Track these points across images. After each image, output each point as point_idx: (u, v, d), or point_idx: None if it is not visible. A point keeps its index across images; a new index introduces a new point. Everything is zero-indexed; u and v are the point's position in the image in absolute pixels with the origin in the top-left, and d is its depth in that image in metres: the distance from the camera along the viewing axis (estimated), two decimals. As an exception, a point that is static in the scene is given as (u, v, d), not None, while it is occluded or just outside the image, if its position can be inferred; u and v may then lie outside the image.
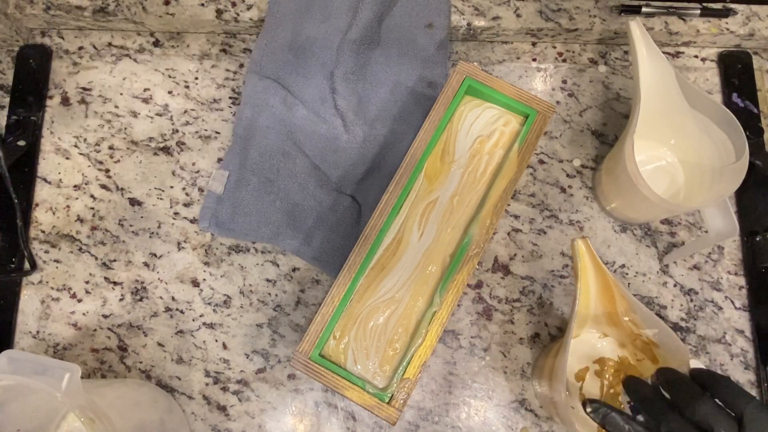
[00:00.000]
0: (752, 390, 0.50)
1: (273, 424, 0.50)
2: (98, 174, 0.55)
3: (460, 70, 0.48)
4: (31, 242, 0.53)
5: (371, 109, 0.55)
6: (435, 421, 0.50)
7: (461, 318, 0.52)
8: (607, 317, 0.45)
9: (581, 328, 0.47)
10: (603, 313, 0.45)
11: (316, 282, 0.53)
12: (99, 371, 0.51)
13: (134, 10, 0.56)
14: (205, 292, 0.52)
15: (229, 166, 0.53)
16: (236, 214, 0.52)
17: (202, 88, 0.57)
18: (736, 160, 0.45)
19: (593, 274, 0.42)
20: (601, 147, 0.56)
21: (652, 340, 0.44)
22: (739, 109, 0.56)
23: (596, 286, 0.43)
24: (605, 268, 0.42)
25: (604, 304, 0.44)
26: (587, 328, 0.47)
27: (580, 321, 0.45)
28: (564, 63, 0.58)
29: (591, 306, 0.44)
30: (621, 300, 0.43)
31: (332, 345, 0.44)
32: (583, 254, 0.42)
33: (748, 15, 0.56)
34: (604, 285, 0.43)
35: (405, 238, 0.46)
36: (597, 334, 0.48)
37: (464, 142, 0.48)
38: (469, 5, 0.56)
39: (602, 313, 0.45)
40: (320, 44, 0.56)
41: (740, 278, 0.52)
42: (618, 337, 0.47)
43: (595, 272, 0.42)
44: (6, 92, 0.57)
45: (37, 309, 0.52)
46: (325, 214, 0.52)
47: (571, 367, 0.47)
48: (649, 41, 0.46)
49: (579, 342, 0.47)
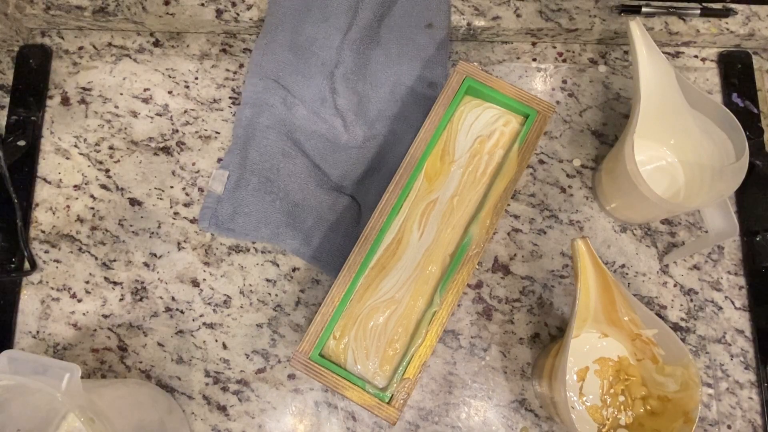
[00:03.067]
0: (752, 390, 0.50)
1: (273, 424, 0.50)
2: (98, 174, 0.55)
3: (460, 70, 0.48)
4: (31, 242, 0.53)
5: (371, 109, 0.55)
6: (435, 421, 0.50)
7: (461, 318, 0.52)
8: (607, 317, 0.45)
9: (581, 328, 0.47)
10: (603, 313, 0.45)
11: (316, 282, 0.53)
12: (99, 371, 0.51)
13: (134, 10, 0.56)
14: (205, 292, 0.52)
15: (229, 166, 0.53)
16: (236, 214, 0.52)
17: (202, 88, 0.57)
18: (736, 160, 0.45)
19: (593, 274, 0.42)
20: (601, 147, 0.56)
21: (652, 340, 0.44)
22: (739, 109, 0.56)
23: (596, 286, 0.43)
24: (605, 268, 0.42)
25: (604, 303, 0.44)
26: (587, 328, 0.47)
27: (580, 321, 0.45)
28: (564, 63, 0.58)
29: (591, 306, 0.44)
30: (621, 300, 0.43)
31: (332, 345, 0.44)
32: (583, 254, 0.42)
33: (748, 15, 0.56)
34: (604, 285, 0.43)
35: (405, 238, 0.46)
36: (597, 334, 0.48)
37: (464, 142, 0.48)
38: (469, 5, 0.56)
39: (602, 312, 0.45)
40: (320, 44, 0.56)
41: (740, 278, 0.52)
42: (618, 337, 0.47)
43: (595, 272, 0.42)
44: (6, 92, 0.57)
45: (37, 309, 0.52)
46: (325, 213, 0.52)
47: (571, 366, 0.47)
48: (649, 41, 0.46)
49: (579, 342, 0.47)
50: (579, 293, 0.42)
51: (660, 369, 0.44)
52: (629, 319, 0.44)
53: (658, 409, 0.44)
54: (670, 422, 0.42)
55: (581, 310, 0.44)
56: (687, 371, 0.42)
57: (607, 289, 0.43)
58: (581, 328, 0.47)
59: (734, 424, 0.49)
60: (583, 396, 0.47)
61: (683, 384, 0.42)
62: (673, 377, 0.43)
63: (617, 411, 0.46)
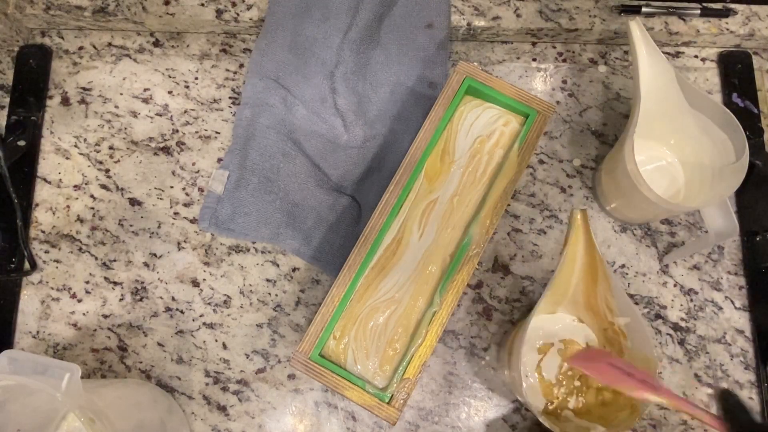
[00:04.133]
0: (752, 390, 0.50)
1: (273, 424, 0.50)
2: (98, 174, 0.55)
3: (460, 70, 0.48)
4: (31, 242, 0.53)
5: (371, 109, 0.55)
6: (435, 421, 0.50)
7: (461, 318, 0.52)
8: (586, 299, 0.46)
9: (559, 304, 0.47)
10: (583, 293, 0.45)
11: (316, 282, 0.53)
12: (99, 371, 0.51)
13: (134, 10, 0.56)
14: (205, 292, 0.52)
15: (229, 166, 0.53)
16: (236, 214, 0.52)
17: (202, 88, 0.57)
18: (736, 160, 0.45)
19: (582, 248, 0.43)
20: (601, 147, 0.56)
21: (623, 331, 0.44)
22: (739, 109, 0.56)
23: (582, 260, 0.43)
24: (596, 243, 0.42)
25: (586, 282, 0.44)
26: (564, 310, 0.47)
27: (558, 294, 0.46)
28: (564, 63, 0.58)
29: (573, 281, 0.45)
30: (603, 281, 0.44)
31: (332, 345, 0.44)
32: (578, 226, 0.42)
33: (748, 15, 0.56)
34: (591, 262, 0.43)
35: (405, 238, 0.46)
36: (572, 317, 0.48)
37: (464, 142, 0.48)
38: (469, 5, 0.56)
39: (582, 292, 0.45)
40: (320, 44, 0.56)
41: (740, 278, 0.52)
42: (591, 324, 0.47)
43: (585, 246, 0.42)
44: (6, 92, 0.57)
45: (37, 309, 0.52)
46: (324, 214, 0.52)
47: (536, 337, 0.47)
48: (649, 41, 0.46)
49: (552, 319, 0.48)
50: (564, 259, 0.42)
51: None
52: (606, 305, 0.44)
53: (609, 400, 0.45)
54: (617, 411, 0.43)
55: (562, 282, 0.44)
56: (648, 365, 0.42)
57: (592, 266, 0.43)
58: (559, 304, 0.47)
59: (734, 424, 0.49)
60: (541, 370, 0.47)
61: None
62: None
63: (569, 394, 0.46)
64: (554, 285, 0.42)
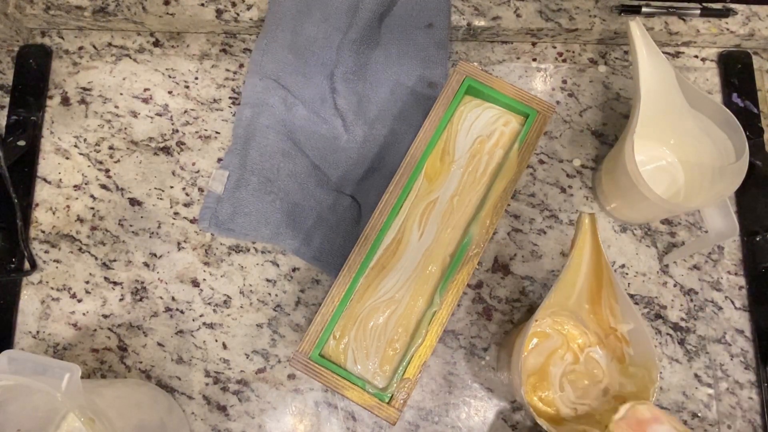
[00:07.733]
0: (752, 390, 0.50)
1: (273, 424, 0.50)
2: (98, 174, 0.55)
3: (460, 70, 0.48)
4: (31, 242, 0.53)
5: (371, 109, 0.55)
6: (435, 421, 0.50)
7: (461, 318, 0.52)
8: (590, 300, 0.45)
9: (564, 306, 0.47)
10: (587, 296, 0.45)
11: (316, 282, 0.53)
12: (99, 371, 0.51)
13: (134, 10, 0.56)
14: (205, 292, 0.52)
15: (229, 166, 0.53)
16: (236, 214, 0.52)
17: (202, 88, 0.57)
18: (736, 160, 0.45)
19: (589, 252, 0.43)
20: (601, 147, 0.56)
21: (625, 337, 0.44)
22: (739, 109, 0.56)
23: (588, 265, 0.43)
24: (603, 248, 0.42)
25: (592, 285, 0.44)
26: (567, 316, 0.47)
27: (562, 297, 0.45)
28: (564, 63, 0.58)
29: (578, 283, 0.44)
30: (608, 286, 0.43)
31: (332, 345, 0.44)
32: (586, 230, 0.42)
33: (748, 15, 0.56)
34: (597, 266, 0.43)
35: (405, 238, 0.46)
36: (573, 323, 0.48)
37: (464, 142, 0.48)
38: (469, 5, 0.56)
39: (587, 294, 0.45)
40: (320, 44, 0.56)
41: (740, 278, 0.52)
42: (594, 330, 0.47)
43: (592, 250, 0.42)
44: (6, 92, 0.57)
45: (37, 309, 0.52)
46: (325, 214, 0.52)
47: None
48: (649, 41, 0.46)
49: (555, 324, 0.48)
50: (569, 263, 0.42)
51: (624, 369, 0.44)
52: (610, 310, 0.44)
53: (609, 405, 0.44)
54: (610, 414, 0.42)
55: (567, 284, 0.44)
56: (649, 374, 0.41)
57: (598, 271, 0.43)
58: (564, 306, 0.46)
59: (734, 424, 0.49)
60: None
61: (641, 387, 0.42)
62: (634, 379, 0.43)
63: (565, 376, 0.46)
64: (558, 288, 0.42)
